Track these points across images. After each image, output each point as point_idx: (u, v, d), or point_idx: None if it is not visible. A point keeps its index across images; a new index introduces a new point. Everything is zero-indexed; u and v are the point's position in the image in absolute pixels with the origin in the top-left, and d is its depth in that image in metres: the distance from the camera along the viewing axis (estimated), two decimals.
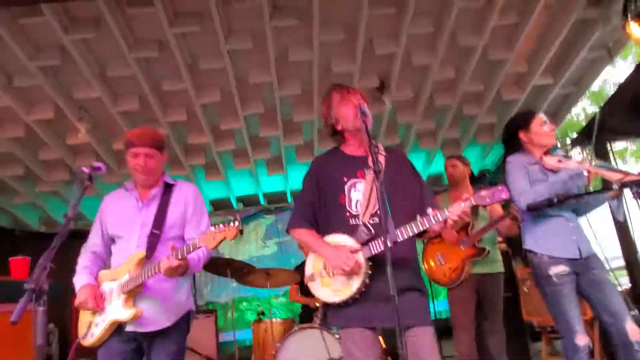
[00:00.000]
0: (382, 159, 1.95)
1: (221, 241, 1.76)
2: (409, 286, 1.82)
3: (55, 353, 5.47)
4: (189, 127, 4.78)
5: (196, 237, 1.82)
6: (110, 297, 1.97)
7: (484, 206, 1.72)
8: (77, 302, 1.98)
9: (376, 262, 1.78)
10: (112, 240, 2.14)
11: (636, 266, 4.54)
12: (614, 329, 2.18)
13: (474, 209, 3.37)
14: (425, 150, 5.68)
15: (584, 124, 8.10)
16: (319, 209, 1.98)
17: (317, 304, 3.97)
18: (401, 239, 1.74)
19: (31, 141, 4.55)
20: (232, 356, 4.15)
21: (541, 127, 2.47)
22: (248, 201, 6.70)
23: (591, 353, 2.79)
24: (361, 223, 1.85)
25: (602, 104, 5.27)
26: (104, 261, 2.16)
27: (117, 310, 1.93)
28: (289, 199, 6.71)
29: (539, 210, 2.28)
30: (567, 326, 2.23)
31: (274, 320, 3.91)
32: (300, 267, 4.59)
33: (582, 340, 2.19)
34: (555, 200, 2.18)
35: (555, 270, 2.28)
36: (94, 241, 2.16)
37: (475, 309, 3.32)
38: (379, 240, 1.78)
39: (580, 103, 7.81)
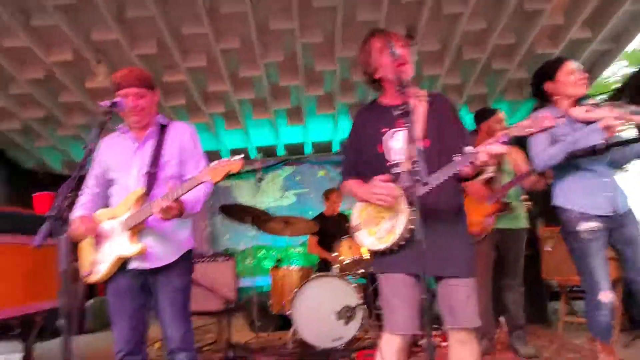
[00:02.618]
0: (423, 105, 1.88)
1: (226, 174, 1.74)
2: (450, 233, 1.80)
3: (82, 290, 5.71)
4: (208, 74, 4.70)
5: (197, 173, 1.80)
6: (112, 234, 1.99)
7: (527, 135, 1.62)
8: (70, 232, 1.98)
9: (422, 209, 1.72)
10: (110, 182, 2.14)
11: None
12: (639, 286, 2.14)
13: (499, 166, 3.30)
14: None
15: (617, 86, 7.73)
16: (361, 162, 1.98)
17: (335, 258, 4.01)
18: (435, 183, 1.70)
19: (51, 83, 4.55)
20: (250, 300, 4.28)
21: (568, 77, 2.32)
22: (267, 151, 6.68)
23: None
24: (404, 170, 1.82)
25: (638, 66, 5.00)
26: (101, 201, 2.16)
27: (123, 246, 1.95)
28: (308, 150, 6.67)
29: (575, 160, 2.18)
30: (592, 282, 2.19)
31: (291, 267, 3.97)
32: (319, 218, 4.62)
33: (606, 297, 2.16)
34: (593, 151, 2.07)
35: (585, 226, 2.21)
36: (90, 183, 2.17)
37: (494, 265, 3.31)
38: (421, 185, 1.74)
39: (614, 64, 7.43)
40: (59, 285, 2.75)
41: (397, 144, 1.87)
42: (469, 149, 1.67)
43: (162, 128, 2.14)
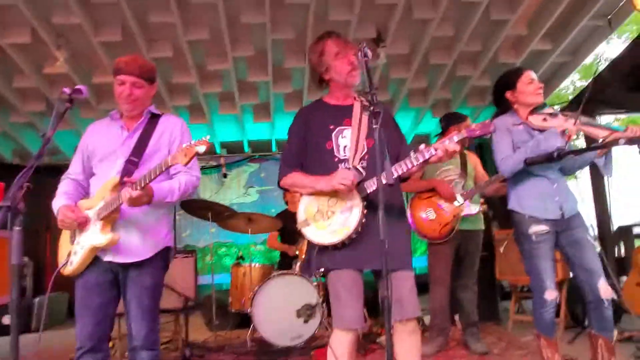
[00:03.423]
0: (363, 108, 1.96)
1: (193, 156, 1.69)
2: (395, 229, 1.81)
3: (30, 286, 5.45)
4: (174, 65, 4.58)
5: (168, 157, 1.76)
6: (88, 224, 1.92)
7: (474, 138, 1.77)
8: (59, 222, 1.93)
9: (368, 204, 1.80)
10: (93, 170, 2.06)
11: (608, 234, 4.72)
12: (587, 286, 2.26)
13: (464, 167, 3.41)
14: (415, 109, 5.62)
15: (570, 97, 8.16)
16: (306, 159, 2.00)
17: (296, 252, 4.01)
18: (395, 176, 1.78)
19: (5, 67, 4.31)
20: (209, 298, 4.20)
21: (527, 86, 2.43)
22: (232, 148, 6.60)
23: (557, 313, 2.91)
24: (351, 167, 1.86)
25: (591, 79, 5.27)
26: (85, 190, 2.08)
27: (94, 236, 1.89)
28: (274, 147, 6.64)
29: (532, 166, 2.28)
30: (539, 282, 2.30)
31: (253, 264, 3.93)
32: (282, 215, 4.60)
33: (550, 295, 2.28)
34: (553, 156, 2.17)
35: (535, 229, 2.32)
36: (74, 169, 2.09)
37: (453, 265, 3.41)
38: (373, 181, 1.81)
39: (569, 77, 7.84)
40: (8, 279, 2.62)
41: (344, 142, 1.93)
42: (422, 146, 1.77)
43: (153, 117, 2.08)
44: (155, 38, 4.19)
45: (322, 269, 1.91)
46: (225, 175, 4.44)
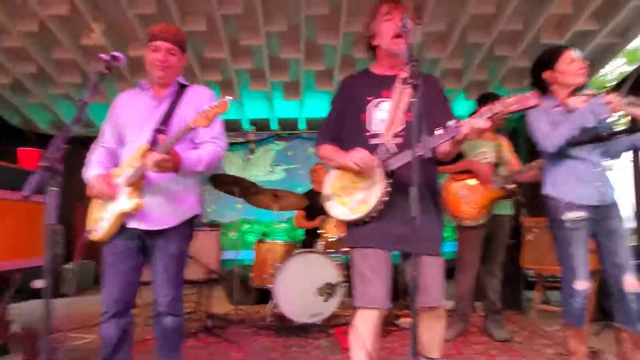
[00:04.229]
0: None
1: (213, 117, 1.69)
2: (425, 211, 1.74)
3: (60, 253, 5.66)
4: (207, 39, 4.58)
5: (189, 120, 1.75)
6: (117, 191, 1.95)
7: (510, 113, 1.59)
8: (91, 192, 1.95)
9: (396, 182, 1.73)
10: (123, 139, 2.07)
11: None
12: (613, 278, 2.19)
13: (499, 152, 3.30)
14: (448, 90, 5.47)
15: (614, 83, 7.75)
16: (342, 129, 1.93)
17: (323, 225, 4.00)
18: (419, 154, 1.63)
19: (45, 38, 4.41)
20: (231, 272, 4.27)
21: (568, 65, 2.26)
22: (260, 125, 6.60)
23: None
24: (383, 142, 1.79)
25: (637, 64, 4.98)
26: (116, 158, 2.09)
27: (122, 201, 1.91)
28: (303, 126, 6.61)
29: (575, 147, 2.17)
30: (571, 270, 2.21)
31: (276, 241, 3.95)
32: (309, 194, 4.60)
33: (581, 285, 2.19)
34: (601, 135, 2.05)
35: (570, 215, 2.22)
36: (105, 137, 2.11)
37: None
38: (399, 156, 1.73)
39: (614, 61, 7.41)
40: (40, 243, 2.71)
41: (380, 114, 1.83)
42: (451, 122, 1.64)
43: (182, 88, 2.08)
44: (189, 11, 4.19)
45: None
46: (252, 152, 4.45)
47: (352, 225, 1.82)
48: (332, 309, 3.48)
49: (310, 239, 4.40)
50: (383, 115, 1.83)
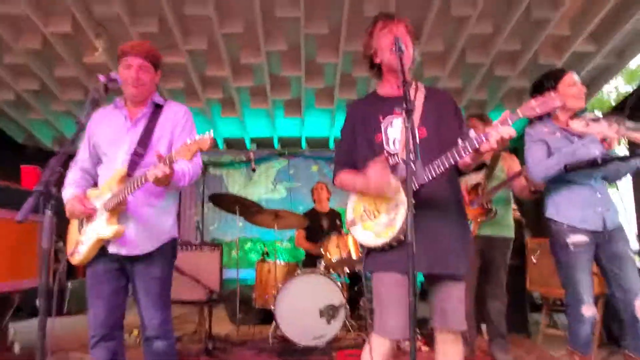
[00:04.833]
0: (420, 97, 1.81)
1: (196, 152, 1.65)
2: (448, 230, 1.71)
3: (63, 270, 5.61)
4: (208, 58, 4.62)
5: (172, 151, 1.71)
6: (95, 215, 1.92)
7: (535, 116, 1.51)
8: (67, 212, 1.93)
9: (418, 202, 1.63)
10: (99, 158, 2.04)
11: None
12: (623, 304, 2.15)
13: (490, 171, 3.27)
14: None
15: (613, 103, 7.79)
16: (356, 153, 1.88)
17: (321, 250, 3.96)
18: (431, 176, 1.61)
19: (47, 55, 4.45)
20: (234, 292, 4.22)
21: (569, 88, 2.28)
22: (262, 143, 6.63)
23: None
24: (400, 160, 1.73)
25: (636, 84, 5.01)
26: (93, 177, 2.08)
27: (100, 227, 1.88)
28: (304, 145, 6.62)
29: (573, 173, 2.16)
30: (576, 295, 2.18)
31: (277, 262, 3.91)
32: (308, 214, 4.57)
33: (588, 311, 2.15)
34: (596, 162, 2.05)
35: (574, 239, 2.20)
36: (82, 156, 2.07)
37: (478, 272, 3.28)
38: (421, 176, 1.63)
39: (612, 81, 7.46)
40: (39, 263, 2.69)
41: (393, 133, 1.78)
42: (472, 133, 1.55)
43: (157, 108, 2.05)
44: (190, 30, 4.24)
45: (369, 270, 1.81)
46: (254, 170, 4.43)
47: (376, 251, 1.75)
48: (335, 331, 3.42)
49: (311, 259, 4.36)
50: (396, 134, 1.78)
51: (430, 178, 1.62)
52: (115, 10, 3.79)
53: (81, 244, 1.93)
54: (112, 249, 1.91)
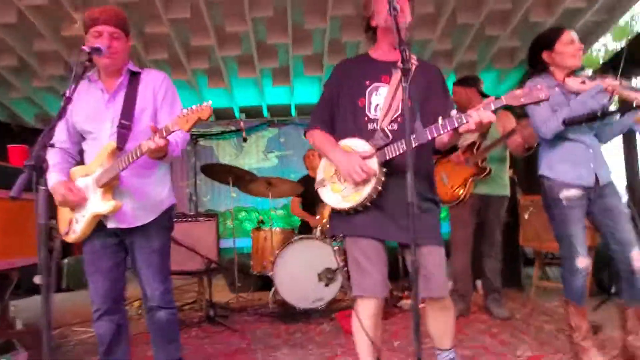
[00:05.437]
0: (412, 67, 1.79)
1: (195, 122, 1.62)
2: (422, 200, 1.74)
3: (58, 249, 5.62)
4: (192, 27, 4.48)
5: (168, 121, 1.68)
6: (87, 192, 1.88)
7: (520, 106, 1.53)
8: (57, 201, 1.88)
9: (391, 170, 1.69)
10: (81, 136, 1.98)
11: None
12: (620, 256, 2.19)
13: (484, 131, 3.27)
14: None
15: (602, 61, 7.76)
16: (337, 113, 1.87)
17: (317, 222, 4.00)
18: (415, 145, 1.61)
19: (24, 30, 4.28)
20: (231, 261, 4.27)
21: (566, 47, 2.28)
22: (251, 112, 6.54)
23: None
24: (379, 128, 1.74)
25: (625, 40, 4.98)
26: (73, 158, 2.02)
27: (96, 204, 1.85)
28: (293, 112, 6.56)
29: (573, 125, 2.16)
30: (570, 248, 2.23)
31: (273, 229, 3.95)
32: (302, 180, 4.58)
33: (582, 262, 2.21)
34: (596, 114, 2.06)
35: (567, 193, 2.24)
36: (59, 136, 1.94)
37: (474, 230, 3.35)
38: (396, 145, 1.67)
39: (601, 38, 7.40)
40: (36, 240, 2.69)
41: (377, 99, 1.78)
42: (454, 112, 1.57)
43: (134, 76, 1.98)
44: None
45: (341, 234, 1.84)
46: (245, 140, 4.40)
47: (343, 214, 1.77)
48: (333, 293, 3.51)
49: (307, 225, 4.40)
50: (380, 101, 1.77)
51: (405, 150, 1.60)
52: None
53: (76, 222, 1.90)
54: (110, 225, 1.90)
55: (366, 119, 1.79)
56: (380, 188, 1.68)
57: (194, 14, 4.18)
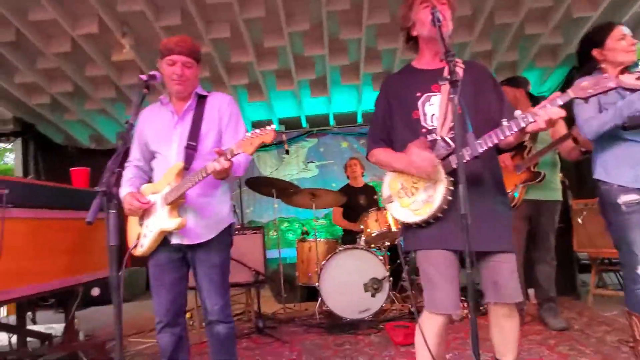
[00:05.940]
0: (459, 71, 1.73)
1: (259, 146, 1.70)
2: (492, 206, 1.71)
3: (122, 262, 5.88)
4: (232, 45, 4.64)
5: (233, 144, 1.76)
6: (154, 208, 2.00)
7: (586, 98, 1.48)
8: (125, 209, 2.02)
9: (456, 179, 1.63)
10: (152, 155, 2.12)
11: None
12: None
13: (534, 134, 3.18)
14: None
15: None
16: (393, 130, 1.87)
17: (361, 227, 4.01)
18: (481, 150, 1.59)
19: (77, 57, 4.57)
20: (277, 272, 4.34)
21: (618, 42, 2.17)
22: (290, 124, 6.66)
23: None
24: (439, 137, 1.70)
25: None
26: (147, 174, 2.17)
27: (163, 220, 1.96)
28: (332, 122, 6.62)
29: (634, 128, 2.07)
30: (631, 256, 2.12)
31: (318, 239, 3.98)
32: (344, 190, 4.61)
33: None
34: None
35: (625, 198, 2.13)
36: (134, 155, 2.16)
37: (526, 236, 3.26)
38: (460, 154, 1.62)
39: None
40: (99, 256, 2.82)
41: (432, 109, 1.75)
42: (519, 112, 1.53)
43: (201, 99, 2.11)
44: (213, 19, 4.25)
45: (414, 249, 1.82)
46: (287, 152, 4.49)
47: (413, 227, 1.76)
48: (380, 303, 3.49)
49: (350, 235, 4.41)
50: (435, 110, 1.75)
51: (473, 157, 1.60)
52: (138, 7, 3.84)
53: (144, 236, 2.02)
54: (174, 240, 1.99)
55: (424, 130, 1.77)
56: (450, 198, 1.65)
57: (234, 33, 4.33)
